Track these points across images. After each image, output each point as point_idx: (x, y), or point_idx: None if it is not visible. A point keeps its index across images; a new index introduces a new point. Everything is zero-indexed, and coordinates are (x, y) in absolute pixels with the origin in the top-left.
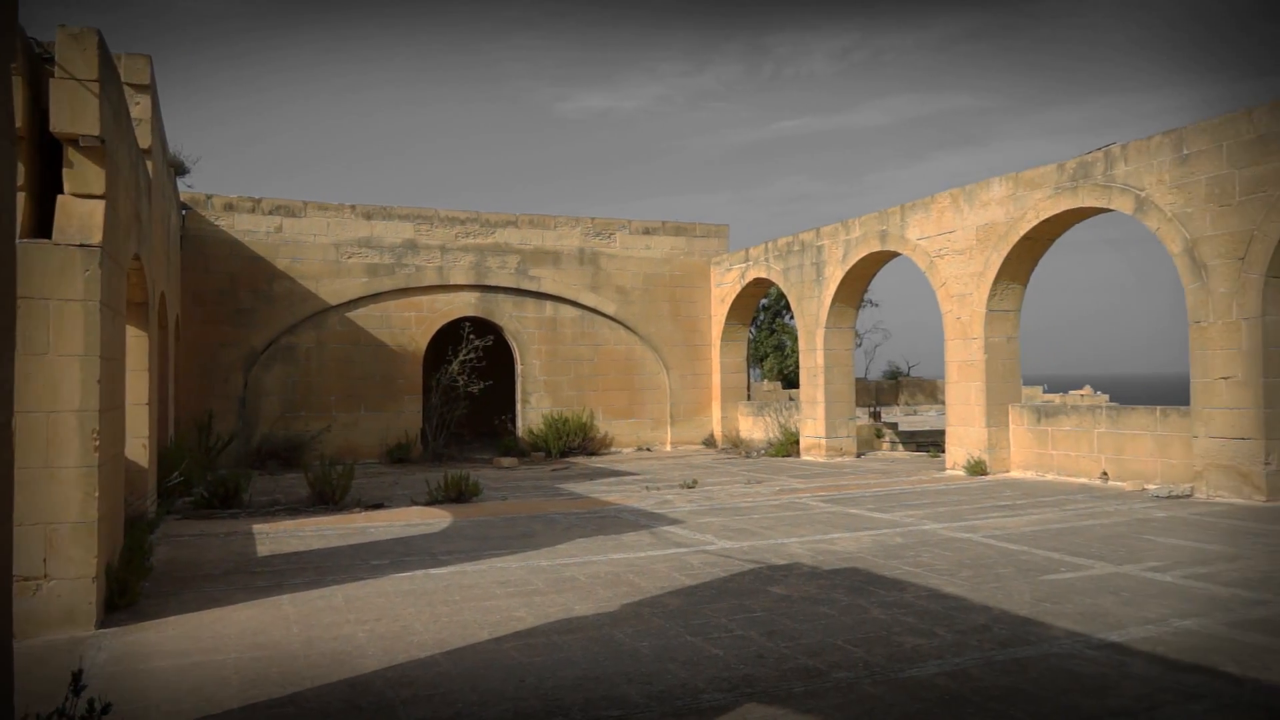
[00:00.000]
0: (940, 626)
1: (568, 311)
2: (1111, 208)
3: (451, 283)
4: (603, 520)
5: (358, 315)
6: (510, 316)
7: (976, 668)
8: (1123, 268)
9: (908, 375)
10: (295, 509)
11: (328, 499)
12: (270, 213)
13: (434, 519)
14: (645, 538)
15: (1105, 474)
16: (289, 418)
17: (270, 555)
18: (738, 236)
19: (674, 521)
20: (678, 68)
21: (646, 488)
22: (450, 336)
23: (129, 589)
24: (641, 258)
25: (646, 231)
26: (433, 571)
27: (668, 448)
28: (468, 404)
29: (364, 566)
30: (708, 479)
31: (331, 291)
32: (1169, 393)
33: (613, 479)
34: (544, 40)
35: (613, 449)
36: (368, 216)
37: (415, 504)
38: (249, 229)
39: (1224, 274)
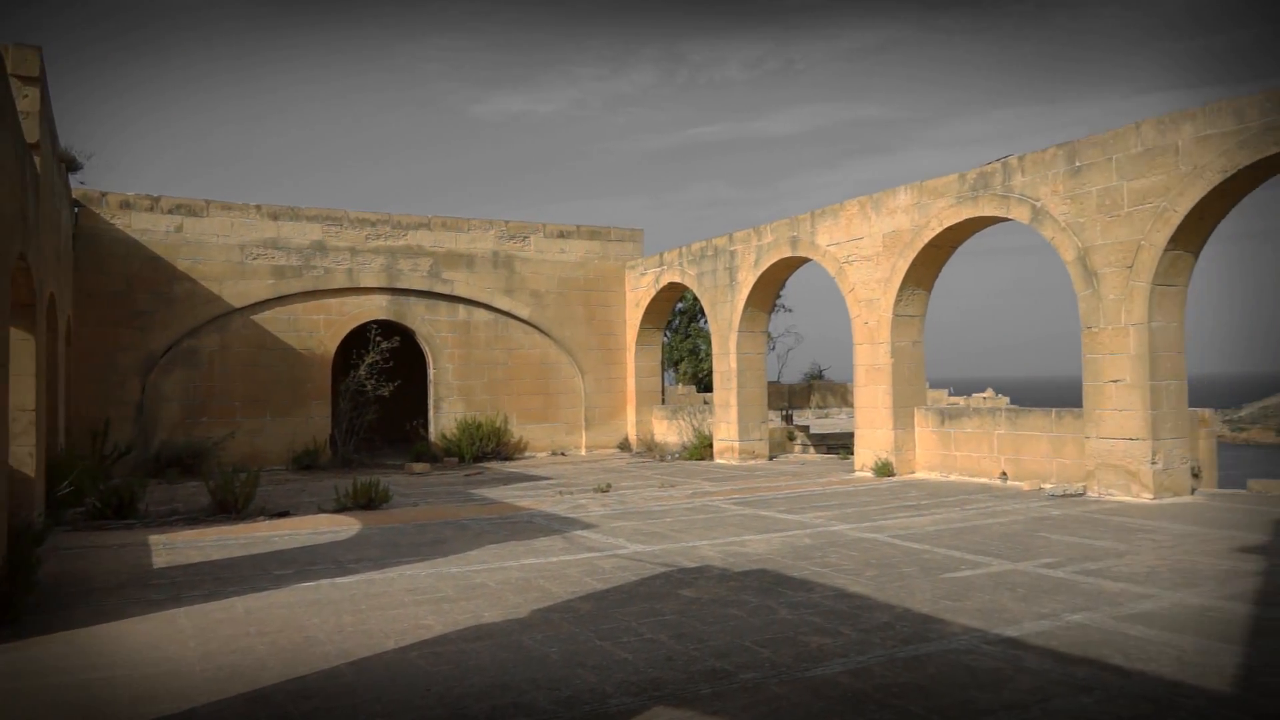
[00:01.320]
0: (845, 625)
1: (481, 315)
2: (1010, 217)
3: (362, 285)
4: (515, 525)
5: (264, 318)
6: (422, 320)
7: (879, 665)
8: (1025, 274)
9: (821, 378)
10: (195, 519)
11: (230, 508)
12: (170, 211)
13: (341, 527)
14: (558, 542)
15: (1005, 474)
16: (190, 424)
17: (167, 567)
18: (655, 240)
19: (587, 526)
20: (594, 72)
21: (560, 492)
22: (361, 340)
23: (12, 605)
24: (556, 261)
25: (561, 235)
26: (339, 580)
27: (582, 452)
28: (378, 409)
29: (267, 577)
30: (622, 483)
31: (236, 294)
32: (1067, 395)
33: (526, 484)
34: (461, 42)
35: (527, 453)
36: (274, 217)
37: (323, 511)
38: (147, 228)
39: (1113, 282)
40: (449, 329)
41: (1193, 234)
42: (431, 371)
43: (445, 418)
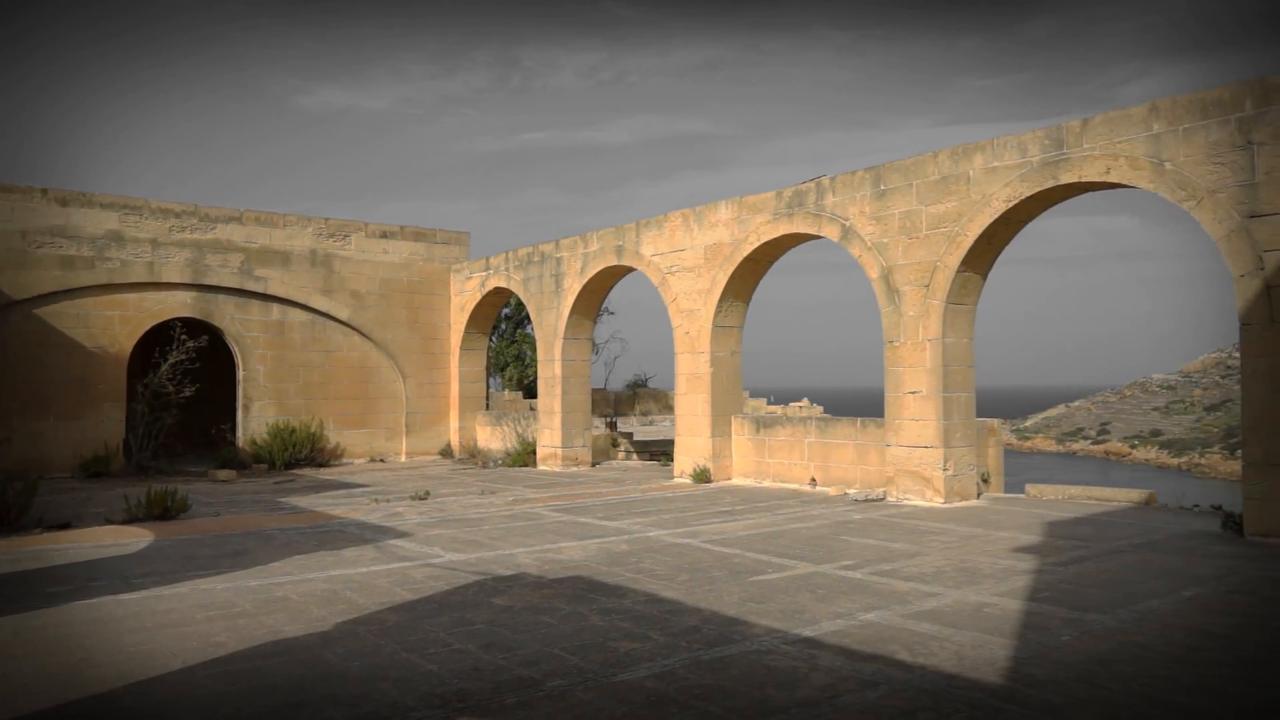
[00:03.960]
0: (654, 630)
1: (297, 315)
2: (822, 234)
3: (164, 280)
4: (325, 535)
5: (49, 312)
6: (232, 319)
7: (684, 668)
8: (843, 288)
9: (645, 386)
10: None
11: (2, 519)
12: None
13: (131, 539)
14: (369, 552)
15: (814, 480)
16: None
17: None
18: (485, 244)
19: (401, 534)
20: (426, 70)
21: (376, 500)
22: (162, 338)
23: None
24: (379, 262)
25: (384, 235)
26: (123, 597)
27: (403, 458)
28: (181, 412)
29: (38, 595)
30: (441, 490)
31: (15, 285)
32: (876, 406)
33: (341, 491)
34: (286, 28)
35: (344, 460)
36: (63, 203)
37: (110, 522)
38: None
39: (913, 299)
40: (261, 329)
41: (981, 257)
42: (241, 373)
43: (255, 422)
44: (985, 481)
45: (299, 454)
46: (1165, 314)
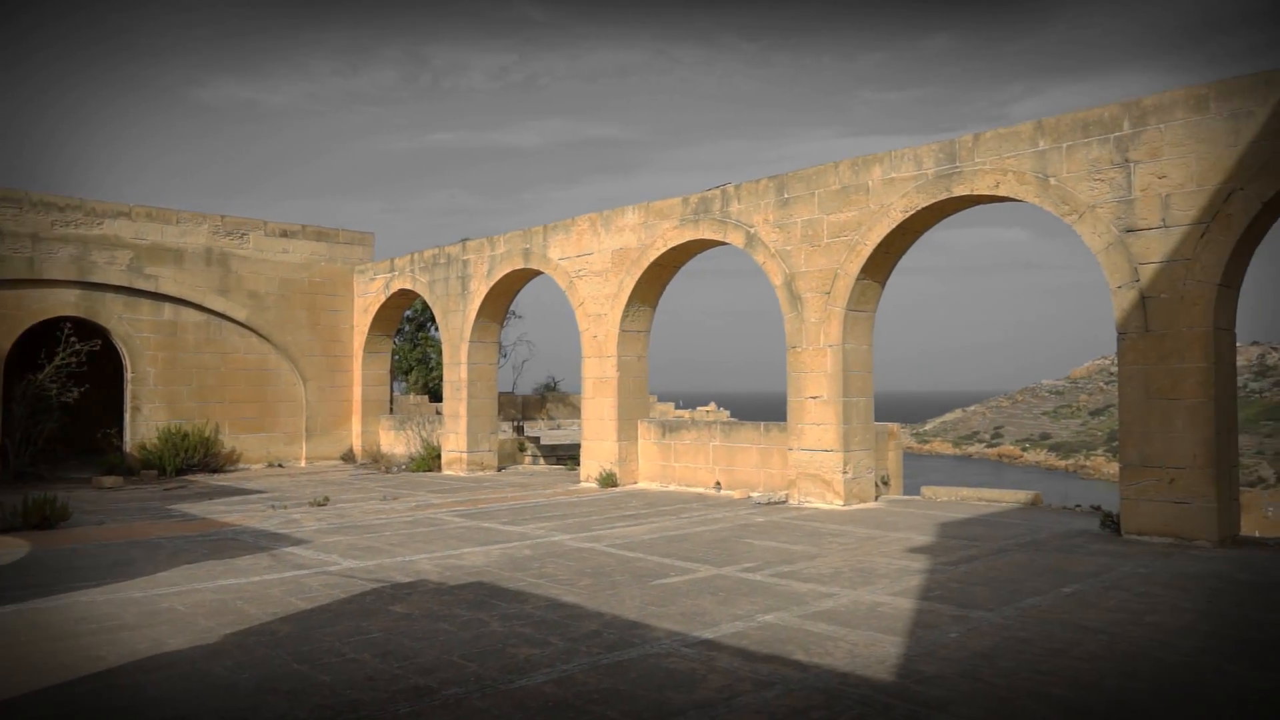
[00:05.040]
0: (555, 635)
1: (191, 315)
2: (727, 241)
3: (45, 277)
4: (216, 543)
5: None
6: (120, 319)
7: (583, 673)
8: (751, 294)
9: (554, 390)
10: None
11: None
12: None
13: (6, 549)
14: (263, 560)
15: (719, 484)
16: None
17: None
18: (393, 245)
19: (298, 542)
20: (331, 66)
21: (273, 506)
22: (49, 339)
23: None
24: (278, 261)
25: (285, 234)
26: None
27: (303, 464)
28: (64, 416)
29: None
30: (342, 496)
31: None
32: (782, 410)
33: (236, 498)
34: (183, 16)
35: (240, 465)
36: None
37: None
38: None
39: (814, 306)
40: (152, 329)
41: (880, 265)
42: (129, 375)
43: (145, 426)
44: (885, 484)
45: (192, 460)
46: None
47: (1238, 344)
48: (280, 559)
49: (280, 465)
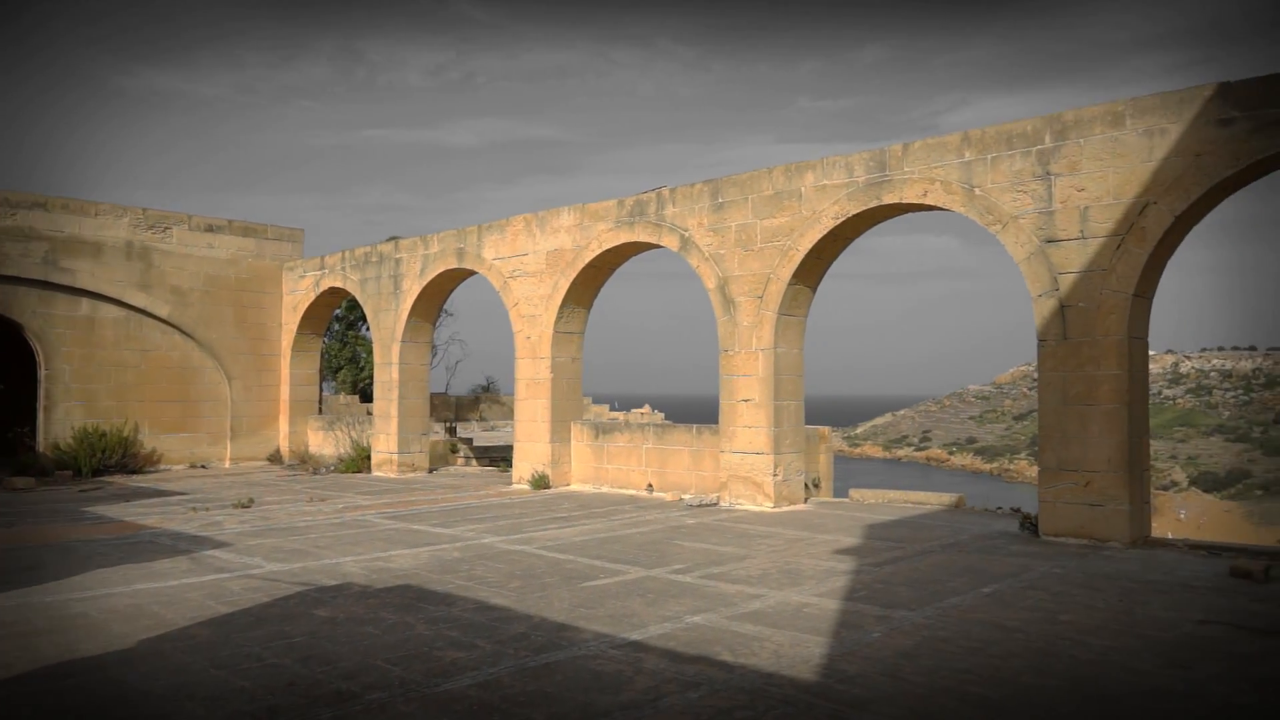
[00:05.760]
0: (482, 638)
1: (110, 311)
2: (662, 244)
3: None
4: (133, 546)
5: None
6: (34, 313)
7: (509, 676)
8: (686, 298)
9: (489, 391)
10: None
11: None
12: None
13: None
14: (182, 564)
15: (651, 486)
16: None
17: None
18: (324, 242)
19: (219, 545)
20: (262, 58)
21: (193, 508)
22: None
23: None
24: (203, 257)
25: (210, 229)
26: None
27: (227, 464)
28: None
29: None
30: (267, 497)
31: None
32: (715, 412)
33: (156, 499)
34: (105, 3)
35: (161, 466)
36: None
37: None
38: None
39: (747, 310)
40: (68, 325)
41: (812, 271)
42: (43, 372)
43: (60, 425)
44: (816, 486)
45: (109, 460)
46: (983, 328)
47: (1151, 352)
48: (200, 562)
49: (204, 466)
